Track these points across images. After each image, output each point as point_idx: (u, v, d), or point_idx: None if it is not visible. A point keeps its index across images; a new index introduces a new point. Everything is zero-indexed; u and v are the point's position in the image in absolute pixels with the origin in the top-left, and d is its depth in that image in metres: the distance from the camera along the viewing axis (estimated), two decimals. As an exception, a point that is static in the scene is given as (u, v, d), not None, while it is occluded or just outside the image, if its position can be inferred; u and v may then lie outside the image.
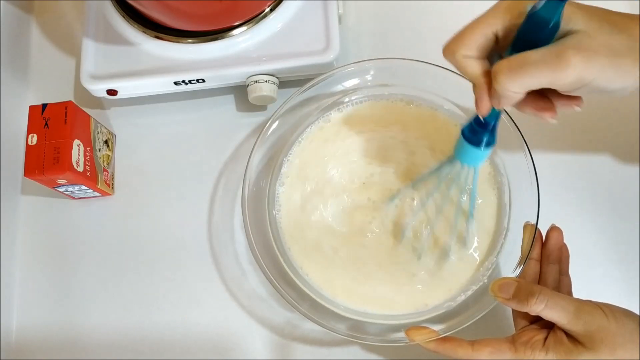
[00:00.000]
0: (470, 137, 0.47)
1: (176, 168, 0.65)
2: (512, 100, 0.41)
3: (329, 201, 0.58)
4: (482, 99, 0.43)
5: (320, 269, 0.56)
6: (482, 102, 0.43)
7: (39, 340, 0.61)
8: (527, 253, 0.52)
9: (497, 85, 0.40)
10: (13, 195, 0.65)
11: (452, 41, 0.43)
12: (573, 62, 0.39)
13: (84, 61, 0.62)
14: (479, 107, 0.43)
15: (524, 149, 0.55)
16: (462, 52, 0.42)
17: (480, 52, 0.42)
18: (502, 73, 0.40)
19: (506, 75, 0.39)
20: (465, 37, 0.42)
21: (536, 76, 0.39)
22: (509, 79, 0.39)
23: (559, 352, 0.45)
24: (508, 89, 0.40)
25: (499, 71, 0.40)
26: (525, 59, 0.39)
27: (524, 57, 0.39)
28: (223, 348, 0.59)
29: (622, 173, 0.60)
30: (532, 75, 0.39)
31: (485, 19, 0.42)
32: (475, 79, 0.43)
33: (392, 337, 0.53)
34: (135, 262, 0.62)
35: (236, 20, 0.61)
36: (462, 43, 0.42)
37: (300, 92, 0.59)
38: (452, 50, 0.42)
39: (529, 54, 0.39)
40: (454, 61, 0.43)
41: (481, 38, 0.42)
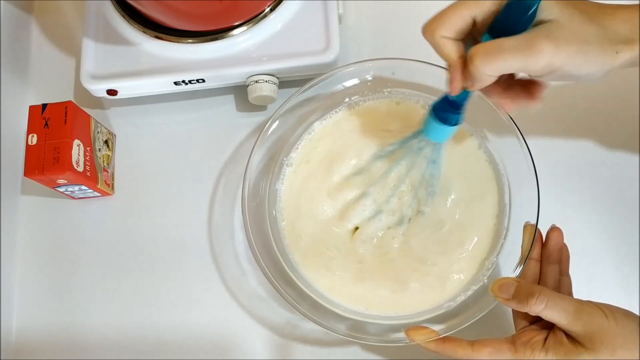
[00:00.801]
0: (440, 114, 0.49)
1: (176, 168, 0.65)
2: (485, 83, 0.44)
3: (329, 201, 0.58)
4: (455, 79, 0.45)
5: (320, 268, 0.56)
6: (455, 82, 0.45)
7: (39, 340, 0.61)
8: (527, 253, 0.52)
9: (473, 67, 0.42)
10: (13, 195, 0.65)
11: (432, 21, 0.45)
12: (544, 49, 0.41)
13: (84, 61, 0.62)
14: (451, 86, 0.46)
15: (524, 149, 0.55)
16: (440, 32, 0.44)
17: (457, 34, 0.44)
18: (478, 56, 0.42)
19: (482, 58, 0.42)
20: (445, 19, 0.44)
21: (509, 61, 0.42)
22: (484, 63, 0.42)
23: (558, 352, 0.45)
24: (483, 72, 0.42)
25: (475, 54, 0.42)
26: (501, 45, 0.42)
27: (500, 43, 0.42)
28: (223, 348, 0.59)
29: (622, 173, 0.60)
30: (505, 60, 0.42)
31: (467, 3, 0.44)
32: (450, 59, 0.45)
33: (392, 337, 0.53)
34: (135, 262, 0.62)
35: (236, 20, 0.61)
36: (442, 24, 0.44)
37: (300, 92, 0.59)
38: (432, 30, 0.44)
39: (504, 40, 0.42)
40: (432, 40, 0.45)
41: (460, 21, 0.44)
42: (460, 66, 0.44)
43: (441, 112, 0.49)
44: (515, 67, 0.43)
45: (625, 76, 0.62)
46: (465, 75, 0.44)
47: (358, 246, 0.57)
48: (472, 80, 0.44)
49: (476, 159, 0.58)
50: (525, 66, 0.42)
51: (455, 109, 0.48)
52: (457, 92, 0.46)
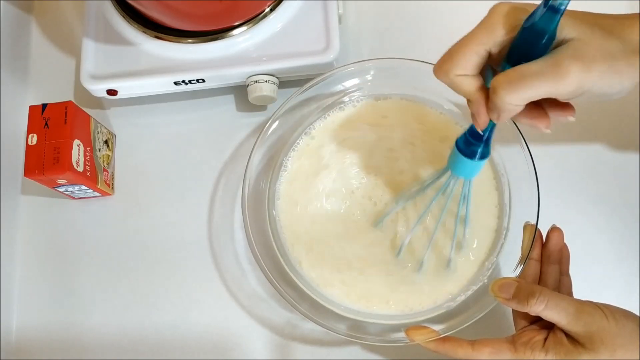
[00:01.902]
0: (465, 149, 0.46)
1: (176, 168, 0.65)
2: (512, 113, 0.41)
3: (329, 201, 0.58)
4: (480, 114, 0.42)
5: (320, 268, 0.56)
6: (480, 117, 0.43)
7: (39, 340, 0.61)
8: (527, 253, 0.52)
9: (498, 99, 0.40)
10: (13, 195, 0.65)
11: (444, 61, 0.42)
12: (572, 71, 0.39)
13: (84, 61, 0.62)
14: (477, 122, 0.43)
15: (524, 149, 0.55)
16: (455, 72, 0.42)
17: (473, 70, 0.42)
18: (501, 87, 0.39)
19: (506, 89, 0.39)
20: (458, 57, 0.41)
21: (536, 88, 0.39)
22: (509, 93, 0.39)
23: (559, 352, 0.45)
24: (508, 103, 0.40)
25: (498, 86, 0.40)
26: (524, 72, 0.39)
27: (523, 70, 0.39)
28: (223, 348, 0.59)
29: (622, 173, 0.60)
30: (532, 87, 0.39)
31: (477, 36, 0.41)
32: (471, 95, 0.42)
33: (392, 337, 0.53)
34: (135, 262, 0.63)
35: (236, 20, 0.61)
36: (455, 63, 0.41)
37: (300, 92, 0.59)
38: (446, 71, 0.42)
39: (527, 66, 0.39)
40: (447, 81, 0.42)
41: (474, 56, 0.41)
42: (484, 99, 0.42)
43: (467, 147, 0.46)
44: (542, 93, 0.39)
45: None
46: (490, 107, 0.41)
47: (358, 246, 0.57)
48: (497, 112, 0.41)
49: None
50: (553, 91, 0.39)
51: (482, 142, 0.46)
52: (484, 126, 0.43)
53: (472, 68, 0.42)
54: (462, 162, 0.47)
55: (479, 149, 0.46)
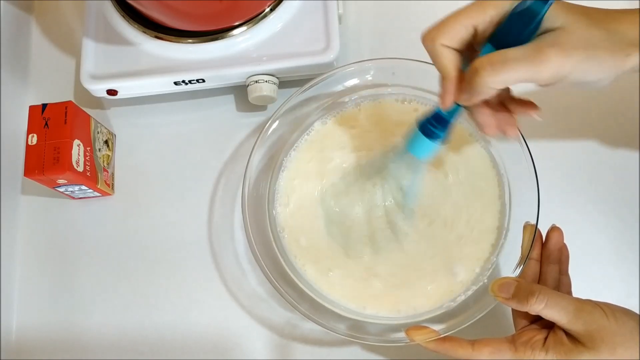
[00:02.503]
0: (426, 128, 0.48)
1: (176, 168, 0.65)
2: (485, 96, 0.42)
3: (329, 201, 0.58)
4: (449, 92, 0.44)
5: (320, 268, 0.56)
6: (448, 95, 0.44)
7: (39, 340, 0.61)
8: (527, 253, 0.52)
9: (478, 78, 0.41)
10: (13, 195, 0.65)
11: (434, 29, 0.44)
12: (551, 57, 0.40)
13: (84, 61, 0.62)
14: (444, 100, 0.44)
15: (524, 149, 0.55)
16: (441, 40, 0.43)
17: (458, 43, 0.43)
18: (483, 68, 0.41)
19: (487, 70, 0.41)
20: (448, 27, 0.43)
21: (516, 72, 0.40)
22: (490, 74, 0.41)
23: (559, 351, 0.45)
24: (487, 84, 0.41)
25: (480, 66, 0.41)
26: (507, 56, 0.41)
27: (505, 53, 0.41)
28: (223, 348, 0.59)
29: (622, 173, 0.60)
30: (512, 70, 0.40)
31: (469, 11, 0.43)
32: (447, 70, 0.43)
33: (392, 337, 0.53)
34: (135, 262, 0.62)
35: (236, 20, 0.61)
36: (444, 32, 0.43)
37: (300, 92, 0.59)
38: (432, 38, 0.43)
39: (509, 51, 0.41)
40: (431, 48, 0.44)
41: (462, 29, 0.43)
42: (456, 79, 0.43)
43: (428, 127, 0.48)
44: (522, 78, 0.41)
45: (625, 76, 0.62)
46: (463, 88, 0.43)
47: (358, 246, 0.57)
48: (471, 93, 0.42)
49: (476, 159, 0.58)
50: (532, 76, 0.41)
51: (442, 125, 0.47)
52: (449, 107, 0.45)
53: (458, 41, 0.43)
54: (419, 141, 0.48)
55: (437, 131, 0.47)
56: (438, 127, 0.47)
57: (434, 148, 0.49)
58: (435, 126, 0.47)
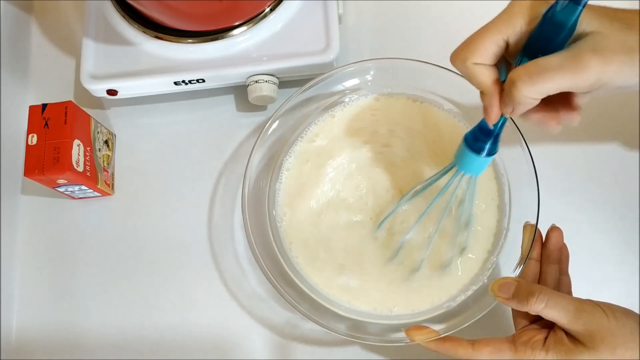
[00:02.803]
0: (473, 145, 0.46)
1: (176, 168, 0.65)
2: (527, 107, 0.41)
3: (329, 201, 0.58)
4: (493, 107, 0.42)
5: (320, 268, 0.56)
6: (492, 109, 0.42)
7: (39, 340, 0.61)
8: (527, 253, 0.52)
9: (516, 91, 0.40)
10: (13, 195, 0.65)
11: (463, 49, 0.42)
12: (591, 64, 0.39)
13: (84, 61, 0.62)
14: (488, 115, 0.43)
15: (524, 149, 0.55)
16: (473, 60, 0.41)
17: (491, 59, 0.42)
18: (520, 80, 0.39)
19: (525, 82, 0.39)
20: (477, 45, 0.41)
21: (555, 81, 0.39)
22: (527, 86, 0.39)
23: (559, 351, 0.45)
24: (526, 96, 0.40)
25: (517, 78, 0.39)
26: (544, 65, 0.39)
27: (542, 62, 0.39)
28: (223, 348, 0.59)
29: (622, 173, 0.60)
30: (551, 80, 0.39)
31: (496, 25, 0.41)
32: (486, 87, 0.42)
33: (392, 337, 0.53)
34: (135, 262, 0.62)
35: (236, 20, 0.61)
36: (474, 51, 0.41)
37: (300, 92, 0.59)
38: (463, 59, 0.42)
39: (546, 59, 0.39)
40: (464, 69, 0.42)
41: (492, 46, 0.41)
42: (498, 92, 0.42)
43: (476, 143, 0.46)
44: (562, 87, 0.39)
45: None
46: (504, 101, 0.41)
47: (358, 246, 0.57)
48: (512, 106, 0.41)
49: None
50: (572, 84, 0.39)
51: (492, 138, 0.45)
52: (496, 120, 0.43)
53: (490, 57, 0.42)
54: (470, 158, 0.47)
55: (487, 145, 0.46)
56: (486, 140, 0.46)
57: (486, 162, 0.47)
58: (483, 140, 0.46)
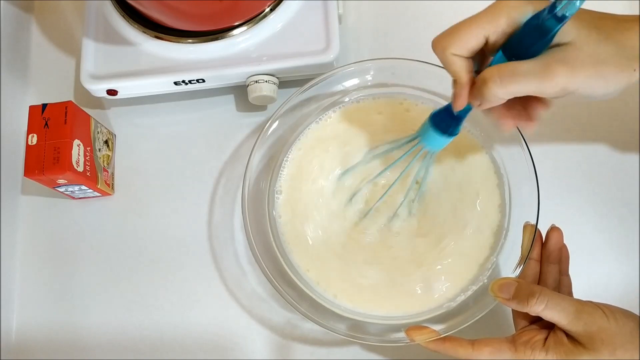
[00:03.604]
0: (438, 123, 0.49)
1: (176, 168, 0.65)
2: (494, 104, 0.44)
3: (329, 201, 0.58)
4: (461, 96, 0.45)
5: (320, 268, 0.56)
6: (460, 98, 0.45)
7: (39, 340, 0.61)
8: (527, 253, 0.52)
9: (486, 89, 0.42)
10: (13, 195, 0.65)
11: (444, 38, 0.44)
12: (558, 74, 0.41)
13: (84, 61, 0.62)
14: (456, 102, 0.45)
15: (524, 149, 0.55)
16: (452, 50, 0.43)
17: (469, 52, 0.44)
18: (492, 80, 0.42)
19: (496, 82, 0.42)
20: (458, 37, 0.43)
21: (523, 85, 0.41)
22: (498, 86, 0.42)
23: (559, 352, 0.45)
24: (495, 95, 0.42)
25: (489, 78, 0.42)
26: (516, 69, 0.41)
27: (514, 67, 0.42)
28: (223, 348, 0.59)
29: (622, 173, 0.60)
30: (520, 84, 0.41)
31: (480, 21, 0.43)
32: (459, 77, 0.44)
33: (392, 337, 0.53)
34: (135, 262, 0.62)
35: (236, 20, 0.61)
36: (454, 42, 0.43)
37: (300, 92, 0.59)
38: (443, 47, 0.44)
39: (519, 64, 0.42)
40: (442, 57, 0.44)
41: (473, 40, 0.43)
42: (469, 84, 0.44)
43: (441, 122, 0.49)
44: (529, 91, 0.42)
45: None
46: (473, 94, 0.44)
47: (358, 246, 0.57)
48: (481, 100, 0.43)
49: (476, 158, 0.58)
50: (539, 90, 0.42)
51: (456, 121, 0.49)
52: (461, 108, 0.46)
53: (468, 50, 0.43)
54: (433, 135, 0.50)
55: (450, 127, 0.49)
56: (451, 122, 0.49)
57: (446, 141, 0.51)
58: (448, 121, 0.49)
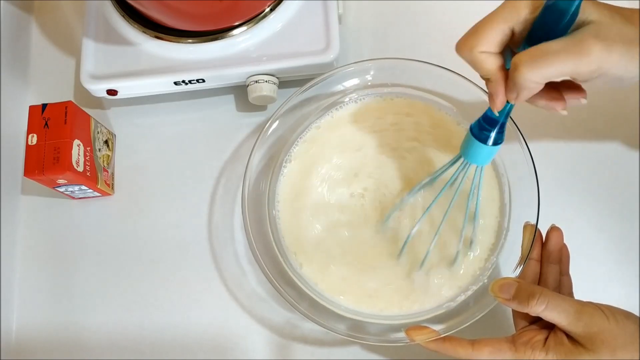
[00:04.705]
0: (479, 134, 0.47)
1: (176, 168, 0.65)
2: (531, 92, 0.42)
3: (329, 201, 0.58)
4: (498, 94, 0.43)
5: (320, 268, 0.56)
6: (498, 96, 0.43)
7: (39, 340, 0.61)
8: (527, 253, 0.52)
9: (520, 76, 0.40)
10: (13, 195, 0.65)
11: (469, 37, 0.43)
12: (594, 50, 0.39)
13: (84, 61, 0.62)
14: (494, 102, 0.44)
15: (524, 149, 0.55)
16: (479, 48, 0.42)
17: (497, 47, 0.42)
18: (524, 64, 0.40)
19: (528, 66, 0.40)
20: (483, 33, 0.42)
21: (558, 65, 0.39)
22: (531, 70, 0.40)
23: (559, 352, 0.45)
24: (530, 80, 0.40)
25: (520, 62, 0.40)
26: (547, 49, 0.40)
27: (546, 47, 0.40)
28: (223, 348, 0.59)
29: (622, 173, 0.60)
30: (554, 64, 0.39)
31: (502, 14, 0.42)
32: (491, 74, 0.43)
33: (392, 337, 0.53)
34: (135, 262, 0.62)
35: (236, 20, 0.61)
36: (480, 39, 0.42)
37: (300, 92, 0.59)
38: (470, 47, 0.42)
39: (549, 44, 0.40)
40: (470, 57, 0.43)
41: (498, 34, 0.42)
42: (503, 79, 0.42)
43: (482, 132, 0.46)
44: (564, 72, 0.40)
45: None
46: (508, 86, 0.42)
47: (358, 246, 0.57)
48: (516, 91, 0.42)
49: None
50: (574, 69, 0.40)
51: (497, 127, 0.46)
52: (501, 107, 0.44)
53: (496, 45, 0.42)
54: (476, 148, 0.47)
55: (492, 134, 0.46)
56: (492, 130, 0.46)
57: (492, 152, 0.48)
58: (489, 129, 0.46)
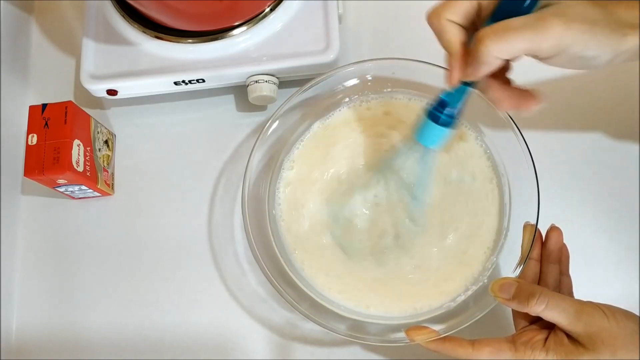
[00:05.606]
0: (430, 113, 0.48)
1: (176, 168, 0.65)
2: (490, 67, 0.43)
3: (329, 201, 0.58)
4: (455, 68, 0.44)
5: (320, 268, 0.56)
6: (454, 71, 0.44)
7: (39, 340, 0.61)
8: (527, 253, 0.52)
9: (483, 47, 0.41)
10: (13, 195, 0.65)
11: (439, 6, 0.44)
12: (553, 26, 0.41)
13: (84, 61, 0.62)
14: (450, 76, 0.45)
15: (524, 148, 0.55)
16: (446, 15, 0.43)
17: (463, 18, 0.44)
18: (487, 37, 0.41)
19: (491, 39, 0.41)
20: (453, 2, 0.44)
21: (519, 40, 0.41)
22: (493, 42, 0.41)
23: (559, 352, 0.45)
24: (491, 54, 0.41)
25: (484, 35, 0.41)
26: (509, 24, 0.41)
27: (508, 22, 0.41)
28: (223, 348, 0.59)
29: (622, 173, 0.60)
30: (515, 39, 0.41)
31: None
32: (452, 45, 0.44)
33: (392, 337, 0.53)
34: (135, 262, 0.63)
35: (236, 20, 0.61)
36: (449, 7, 0.44)
37: (300, 92, 0.59)
38: (438, 13, 0.44)
39: (512, 20, 0.41)
40: (437, 25, 0.44)
41: (467, 4, 0.43)
42: (461, 54, 0.44)
43: (435, 112, 0.48)
44: (525, 47, 0.41)
45: (625, 72, 0.63)
46: (468, 61, 0.43)
47: (358, 246, 0.57)
48: (477, 65, 0.42)
49: (475, 159, 0.58)
50: (535, 45, 0.41)
51: (450, 110, 0.47)
52: (456, 83, 0.45)
53: (462, 15, 0.44)
54: (428, 129, 0.48)
55: (443, 115, 0.47)
56: (446, 111, 0.47)
57: (444, 134, 0.48)
58: (443, 111, 0.47)
